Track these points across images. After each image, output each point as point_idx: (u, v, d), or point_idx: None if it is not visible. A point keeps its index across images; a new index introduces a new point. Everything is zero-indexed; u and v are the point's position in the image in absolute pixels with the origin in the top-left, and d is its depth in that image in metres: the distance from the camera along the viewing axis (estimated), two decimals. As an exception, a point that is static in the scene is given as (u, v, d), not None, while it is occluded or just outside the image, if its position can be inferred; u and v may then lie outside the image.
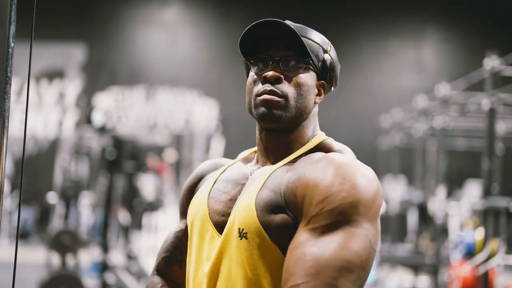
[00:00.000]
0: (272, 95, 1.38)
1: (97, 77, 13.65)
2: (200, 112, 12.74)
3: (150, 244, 8.44)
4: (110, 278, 6.46)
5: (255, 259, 1.31)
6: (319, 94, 1.46)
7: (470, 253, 6.65)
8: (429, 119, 6.97)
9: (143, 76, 13.55)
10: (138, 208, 7.66)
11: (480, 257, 4.81)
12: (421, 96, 7.42)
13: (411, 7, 13.62)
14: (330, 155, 1.35)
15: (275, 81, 1.39)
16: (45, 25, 11.87)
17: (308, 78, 1.42)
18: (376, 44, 13.55)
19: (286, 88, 1.39)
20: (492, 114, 5.10)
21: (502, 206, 4.67)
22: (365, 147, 11.30)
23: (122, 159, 6.82)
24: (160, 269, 1.60)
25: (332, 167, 1.29)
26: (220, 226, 1.39)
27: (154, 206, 7.85)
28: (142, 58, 13.79)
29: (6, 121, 1.25)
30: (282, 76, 1.39)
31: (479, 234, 5.67)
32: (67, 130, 7.75)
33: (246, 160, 1.52)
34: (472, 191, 9.54)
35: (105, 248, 6.42)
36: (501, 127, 8.35)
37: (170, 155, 9.43)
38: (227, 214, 1.40)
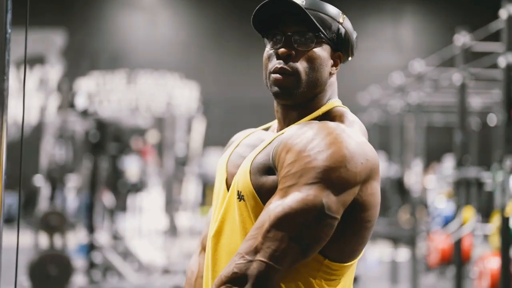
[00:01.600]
0: (283, 73, 1.44)
1: (78, 62, 13.67)
2: (181, 95, 12.83)
3: (135, 225, 8.58)
4: (97, 257, 6.60)
5: (251, 220, 1.39)
6: (335, 65, 1.51)
7: (447, 224, 6.86)
8: (405, 96, 7.14)
9: (123, 60, 13.59)
10: (123, 189, 7.78)
11: (453, 225, 5.01)
12: (397, 73, 7.59)
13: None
14: (321, 122, 1.40)
15: (287, 57, 1.44)
16: (25, 12, 11.85)
17: (321, 51, 1.47)
18: (354, 22, 13.61)
19: (298, 64, 1.44)
20: (463, 89, 5.27)
21: (473, 177, 4.86)
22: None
23: (106, 141, 6.93)
24: (203, 242, 1.69)
25: (311, 132, 1.35)
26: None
27: (138, 187, 7.98)
28: (122, 42, 13.82)
29: (6, 100, 1.38)
30: (293, 52, 1.44)
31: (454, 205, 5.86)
32: (50, 115, 7.83)
33: (270, 128, 1.61)
34: (450, 165, 9.76)
35: (91, 229, 6.56)
36: (477, 102, 8.54)
37: (152, 137, 9.55)
38: None
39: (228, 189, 1.49)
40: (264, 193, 1.37)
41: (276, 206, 1.29)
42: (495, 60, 4.60)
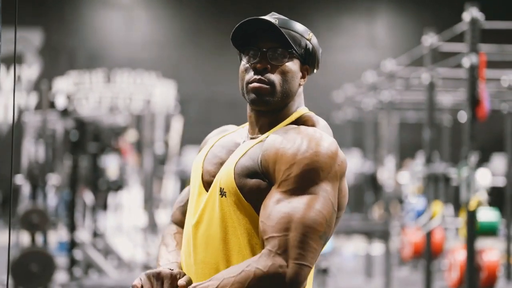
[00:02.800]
0: (261, 83, 1.63)
1: (55, 61, 13.71)
2: (159, 93, 12.96)
3: (115, 223, 8.69)
4: (78, 255, 6.72)
5: (231, 213, 1.60)
6: (303, 77, 1.71)
7: (419, 218, 7.08)
8: (377, 94, 7.35)
9: (101, 59, 13.66)
10: (103, 187, 7.90)
11: (422, 219, 5.22)
12: (369, 71, 7.80)
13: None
14: (300, 127, 1.60)
15: (263, 70, 1.64)
16: (7, 12, 11.88)
17: (292, 65, 1.66)
18: (329, 21, 13.86)
19: (273, 76, 1.64)
20: (431, 87, 5.49)
21: (440, 172, 5.08)
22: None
23: (85, 140, 7.05)
24: (175, 218, 1.86)
25: (298, 137, 1.55)
26: (208, 184, 1.67)
27: (118, 185, 8.09)
28: (100, 41, 13.87)
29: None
30: (269, 66, 1.64)
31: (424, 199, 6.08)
32: (28, 114, 7.91)
33: (244, 129, 1.79)
34: (422, 161, 10.00)
35: (72, 227, 6.67)
36: (448, 99, 8.78)
37: (131, 135, 9.67)
38: (215, 175, 1.67)
39: (203, 184, 1.69)
40: (246, 191, 1.58)
41: (298, 210, 1.48)
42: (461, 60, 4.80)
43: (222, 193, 1.61)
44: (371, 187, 7.87)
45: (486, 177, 6.55)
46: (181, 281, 1.57)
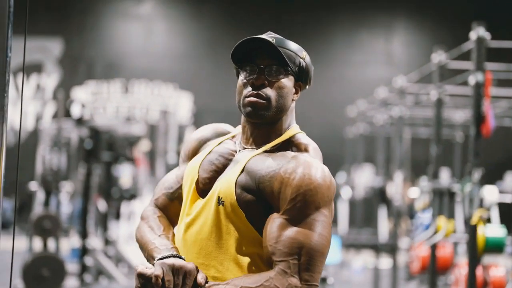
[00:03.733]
0: (257, 97, 1.75)
1: (74, 71, 13.94)
2: (175, 105, 13.12)
3: (127, 231, 8.81)
4: (89, 261, 6.84)
5: (227, 221, 1.73)
6: (296, 93, 1.82)
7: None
8: (388, 109, 7.43)
9: (119, 70, 13.87)
10: (116, 196, 8.03)
11: (427, 233, 5.28)
12: (382, 87, 7.88)
13: (380, 1, 14.07)
14: (299, 157, 1.72)
15: (261, 86, 1.75)
16: (22, 21, 12.12)
17: (287, 81, 1.78)
18: (346, 38, 13.97)
19: (269, 91, 1.75)
20: (439, 103, 5.56)
21: (445, 187, 5.14)
22: (334, 136, 11.78)
23: (100, 149, 7.19)
24: (160, 202, 1.93)
25: (301, 168, 1.68)
26: (202, 191, 1.80)
27: (131, 194, 8.22)
28: (118, 52, 14.08)
29: (6, 114, 1.63)
30: (266, 82, 1.76)
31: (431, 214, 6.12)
32: (46, 122, 8.08)
33: (235, 138, 1.91)
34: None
35: (84, 234, 6.79)
36: (460, 116, 8.83)
37: (144, 145, 9.81)
38: (209, 182, 1.79)
39: (197, 190, 1.82)
40: (242, 203, 1.71)
41: (306, 236, 1.64)
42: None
43: (220, 201, 1.73)
44: (380, 202, 7.93)
45: (494, 194, 6.58)
46: (200, 279, 1.64)
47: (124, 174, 8.41)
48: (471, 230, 4.45)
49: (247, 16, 13.69)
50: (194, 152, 1.95)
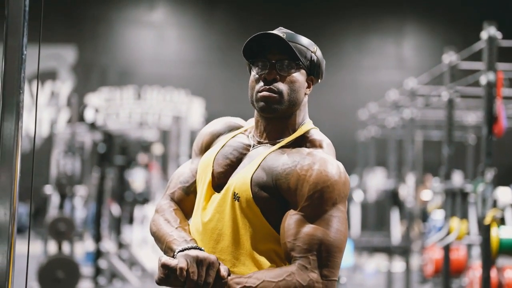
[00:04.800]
0: (270, 92, 1.76)
1: (88, 78, 14.05)
2: (187, 111, 13.17)
3: (141, 236, 8.85)
4: (103, 264, 6.89)
5: (243, 216, 1.74)
6: (308, 87, 1.83)
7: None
8: (399, 112, 7.43)
9: (132, 76, 13.96)
10: (129, 200, 8.07)
11: (439, 235, 5.27)
12: (393, 90, 7.89)
13: (390, 5, 14.07)
14: (315, 153, 1.74)
15: (272, 80, 1.77)
16: (37, 29, 12.26)
17: (299, 76, 1.80)
18: (357, 42, 13.99)
19: (281, 85, 1.77)
20: (450, 104, 5.55)
21: (457, 188, 5.13)
22: (346, 139, 11.77)
23: (113, 153, 7.24)
24: (176, 197, 1.94)
25: (317, 165, 1.70)
26: (217, 185, 1.81)
27: (144, 198, 8.26)
28: (130, 59, 14.18)
29: (21, 110, 1.67)
30: (278, 76, 1.77)
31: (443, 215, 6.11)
32: (60, 128, 8.16)
33: (247, 132, 1.92)
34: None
35: (98, 238, 6.85)
36: (472, 117, 8.81)
37: (157, 149, 9.86)
38: (224, 177, 1.81)
39: (212, 184, 1.83)
40: (258, 199, 1.73)
41: (325, 232, 1.67)
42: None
43: (236, 197, 1.75)
44: (392, 204, 7.93)
45: (508, 195, 6.56)
46: (223, 272, 1.66)
47: (137, 178, 8.46)
48: (485, 230, 4.44)
49: (258, 21, 13.73)
50: (207, 146, 1.95)
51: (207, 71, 13.85)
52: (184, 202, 1.93)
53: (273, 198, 1.72)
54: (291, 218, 1.69)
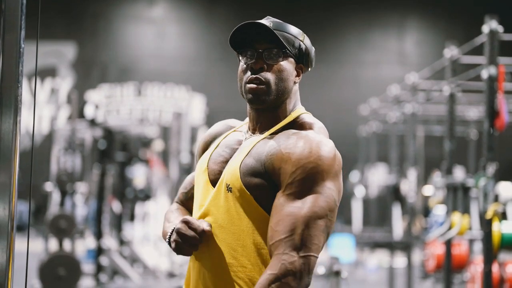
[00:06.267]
0: (257, 83, 1.75)
1: (88, 74, 14.02)
2: (187, 107, 13.15)
3: (142, 233, 8.84)
4: (104, 261, 6.88)
5: (237, 206, 1.73)
6: (297, 75, 1.82)
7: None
8: (401, 107, 7.41)
9: (132, 73, 13.93)
10: (130, 197, 8.05)
11: (440, 229, 5.26)
12: (394, 85, 7.86)
13: (392, 0, 14.04)
14: (301, 132, 1.72)
15: (259, 70, 1.76)
16: (36, 26, 12.22)
17: (287, 64, 1.78)
18: (358, 37, 13.95)
19: (268, 75, 1.76)
20: (452, 99, 5.53)
21: (459, 182, 5.11)
22: (347, 135, 11.75)
23: (113, 149, 7.22)
24: (179, 199, 2.04)
25: (300, 142, 1.68)
26: (213, 182, 1.82)
27: (145, 195, 8.25)
28: (131, 56, 14.15)
29: (20, 104, 1.66)
30: (265, 65, 1.76)
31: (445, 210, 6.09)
32: (60, 125, 8.15)
33: (242, 128, 1.93)
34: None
35: (99, 235, 6.83)
36: (474, 113, 8.79)
37: (157, 146, 9.84)
38: (220, 173, 1.81)
39: (210, 180, 1.83)
40: (250, 187, 1.71)
41: (302, 209, 1.63)
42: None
43: (228, 188, 1.74)
44: (394, 200, 7.91)
45: (510, 190, 6.54)
46: (206, 227, 1.75)
47: (138, 174, 8.45)
48: (487, 225, 4.42)
49: (259, 17, 13.51)
50: (205, 149, 1.98)
51: (208, 67, 13.83)
52: (185, 205, 2.02)
53: (265, 183, 1.71)
54: (276, 202, 1.68)
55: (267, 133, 1.80)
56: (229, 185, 1.74)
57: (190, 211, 1.97)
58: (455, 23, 13.53)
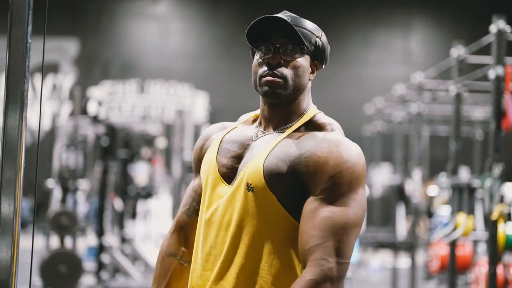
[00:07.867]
0: (274, 77, 1.72)
1: (90, 71, 13.99)
2: (190, 105, 13.12)
3: (143, 230, 8.81)
4: (105, 258, 6.85)
5: (257, 207, 1.69)
6: (312, 72, 1.79)
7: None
8: (406, 106, 7.37)
9: (135, 69, 13.90)
10: (132, 195, 8.01)
11: (445, 230, 5.22)
12: (399, 84, 7.82)
13: None
14: (330, 135, 1.71)
15: (276, 65, 1.73)
16: (39, 21, 12.20)
17: (303, 61, 1.75)
18: (363, 36, 13.91)
19: (285, 70, 1.72)
20: (458, 99, 5.49)
21: (464, 183, 5.07)
22: (352, 134, 11.69)
23: (116, 147, 7.19)
24: (180, 221, 1.95)
25: (334, 148, 1.67)
26: (226, 177, 1.76)
27: (147, 192, 8.21)
28: (133, 52, 14.11)
29: (26, 99, 1.63)
30: (282, 61, 1.72)
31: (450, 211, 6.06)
32: (63, 121, 8.12)
33: (247, 123, 1.88)
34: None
35: (100, 232, 6.80)
36: (479, 113, 8.75)
37: (160, 143, 9.81)
38: (232, 168, 1.76)
39: (221, 176, 1.77)
40: (275, 188, 1.68)
41: (339, 215, 1.64)
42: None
43: (250, 188, 1.69)
44: (398, 200, 7.87)
45: (515, 191, 6.50)
46: None
47: (140, 172, 8.41)
48: (492, 226, 4.38)
49: (262, 15, 13.63)
50: (201, 152, 1.92)
51: (211, 65, 13.79)
52: (187, 225, 1.94)
53: (290, 184, 1.68)
54: (310, 206, 1.65)
55: (287, 133, 1.76)
56: (250, 184, 1.69)
57: (191, 231, 1.92)
58: (462, 22, 13.48)
